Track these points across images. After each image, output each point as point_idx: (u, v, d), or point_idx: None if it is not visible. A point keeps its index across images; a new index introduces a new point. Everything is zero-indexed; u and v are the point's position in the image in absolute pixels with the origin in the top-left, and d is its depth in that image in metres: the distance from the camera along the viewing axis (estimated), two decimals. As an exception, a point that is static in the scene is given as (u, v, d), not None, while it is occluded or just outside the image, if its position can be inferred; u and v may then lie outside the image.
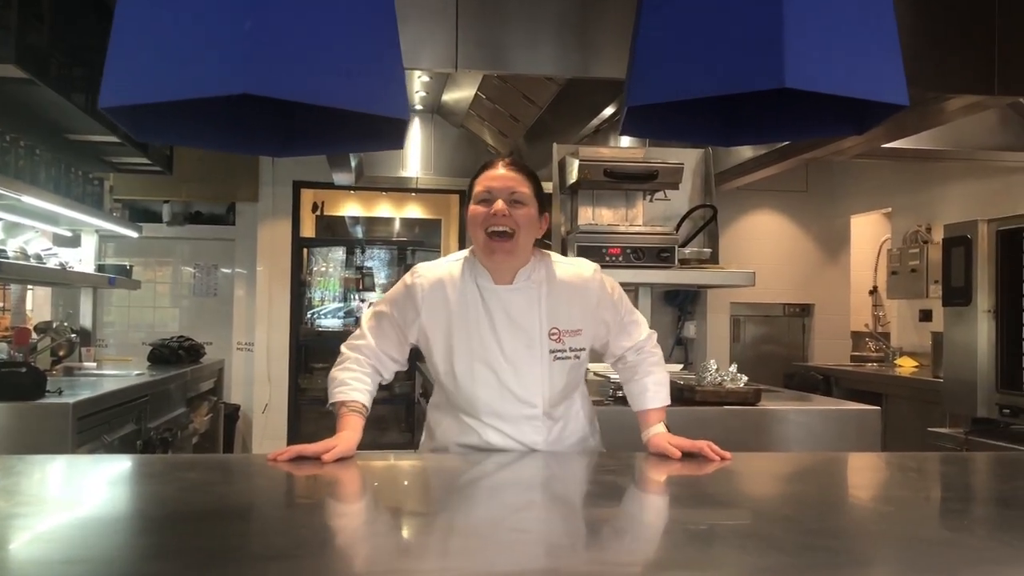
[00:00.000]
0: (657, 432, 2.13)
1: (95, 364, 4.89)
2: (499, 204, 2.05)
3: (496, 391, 2.11)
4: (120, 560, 1.18)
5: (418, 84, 5.83)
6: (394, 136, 1.30)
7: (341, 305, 9.26)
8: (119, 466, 2.10)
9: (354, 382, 2.10)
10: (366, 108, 1.16)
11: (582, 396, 2.31)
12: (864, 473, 2.18)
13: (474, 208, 2.09)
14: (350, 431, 1.99)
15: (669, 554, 1.31)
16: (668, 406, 2.22)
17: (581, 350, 2.16)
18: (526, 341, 2.10)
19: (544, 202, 2.15)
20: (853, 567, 1.22)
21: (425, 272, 2.17)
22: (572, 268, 2.19)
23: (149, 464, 2.20)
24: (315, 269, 9.24)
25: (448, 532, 1.40)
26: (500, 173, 2.09)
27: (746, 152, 5.58)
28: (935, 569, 1.19)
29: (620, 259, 3.41)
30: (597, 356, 2.36)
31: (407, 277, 2.18)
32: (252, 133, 1.38)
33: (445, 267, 2.18)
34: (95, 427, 3.35)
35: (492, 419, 2.13)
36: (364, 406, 2.08)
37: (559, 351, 2.11)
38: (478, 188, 2.10)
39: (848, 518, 1.61)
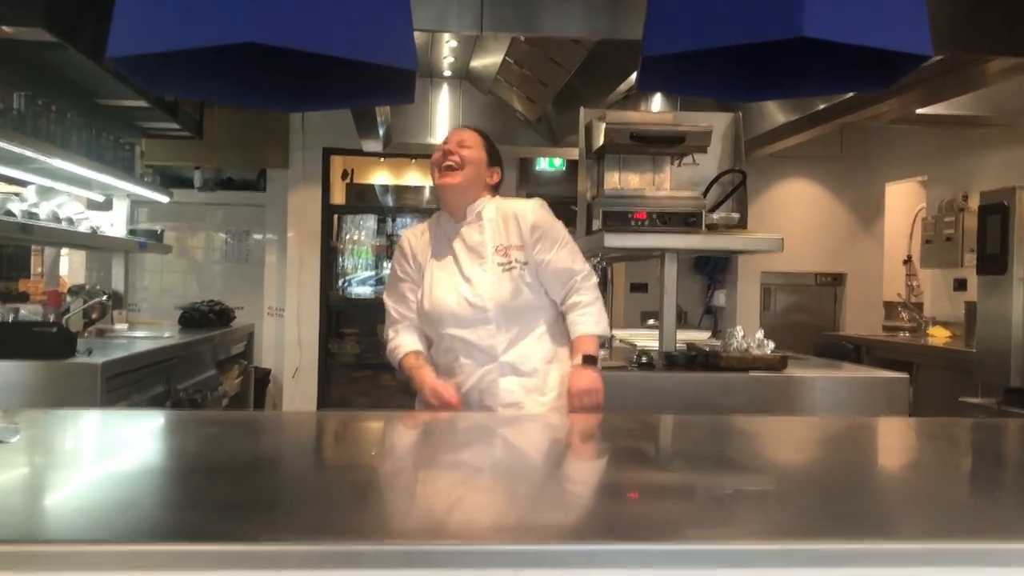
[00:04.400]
0: (576, 363, 2.50)
1: (126, 326, 4.96)
2: (448, 146, 2.59)
3: (455, 300, 2.54)
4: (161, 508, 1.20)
5: (446, 50, 5.78)
6: (403, 88, 1.29)
7: (372, 273, 9.29)
8: (141, 420, 2.14)
9: (401, 339, 2.63)
10: (372, 57, 1.15)
11: (559, 362, 2.60)
12: (894, 438, 2.15)
13: (434, 156, 2.62)
14: (425, 371, 2.54)
15: (693, 520, 1.30)
16: (599, 336, 2.58)
17: (525, 264, 2.55)
18: (479, 260, 2.57)
19: (495, 158, 2.67)
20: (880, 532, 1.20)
21: (406, 233, 2.74)
22: (515, 202, 2.65)
23: (173, 418, 2.23)
24: (347, 237, 9.27)
25: (452, 493, 1.40)
26: (453, 132, 2.67)
27: (778, 117, 5.48)
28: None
29: (646, 224, 3.37)
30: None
31: (397, 246, 2.72)
32: (265, 87, 1.37)
33: (420, 225, 2.75)
34: (124, 387, 3.40)
35: (454, 328, 2.55)
36: (418, 352, 2.61)
37: (505, 263, 2.54)
38: (440, 145, 2.63)
39: (877, 485, 1.59)
